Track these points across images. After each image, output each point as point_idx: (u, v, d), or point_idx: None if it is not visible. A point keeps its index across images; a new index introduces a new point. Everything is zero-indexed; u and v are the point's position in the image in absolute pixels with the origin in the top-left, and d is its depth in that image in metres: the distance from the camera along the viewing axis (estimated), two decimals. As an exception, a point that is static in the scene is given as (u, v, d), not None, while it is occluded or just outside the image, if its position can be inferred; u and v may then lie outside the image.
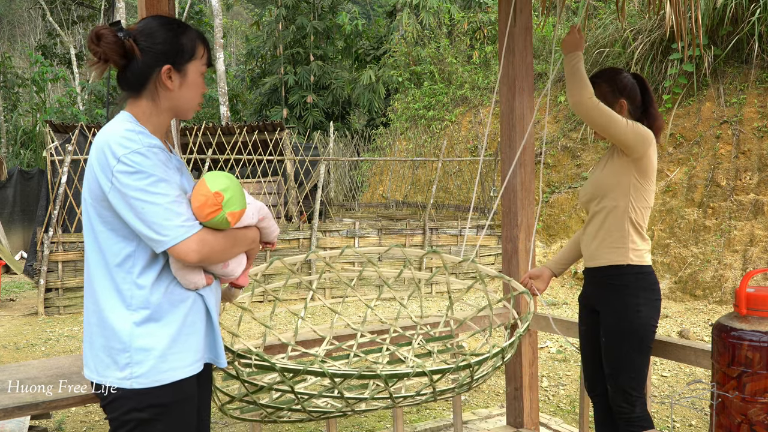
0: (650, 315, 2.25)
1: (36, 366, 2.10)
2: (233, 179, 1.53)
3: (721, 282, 6.93)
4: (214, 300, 1.61)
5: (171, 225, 1.42)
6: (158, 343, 1.47)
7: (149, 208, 1.41)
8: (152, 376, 1.46)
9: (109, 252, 1.48)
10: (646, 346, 2.27)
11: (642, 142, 2.21)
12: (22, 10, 31.04)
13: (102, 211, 1.48)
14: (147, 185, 1.41)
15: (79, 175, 7.90)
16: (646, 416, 2.31)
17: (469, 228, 9.47)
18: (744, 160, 7.63)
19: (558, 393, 4.46)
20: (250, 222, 1.63)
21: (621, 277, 2.27)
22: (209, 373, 1.73)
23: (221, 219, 1.49)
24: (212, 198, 1.46)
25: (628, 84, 2.33)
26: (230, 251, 1.57)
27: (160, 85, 1.54)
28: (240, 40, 29.15)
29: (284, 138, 9.66)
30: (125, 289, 1.47)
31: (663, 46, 8.84)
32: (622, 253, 2.26)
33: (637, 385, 2.28)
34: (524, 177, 3.05)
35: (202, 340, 1.57)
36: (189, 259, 1.44)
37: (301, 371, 1.51)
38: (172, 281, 1.51)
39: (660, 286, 2.37)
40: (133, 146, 1.43)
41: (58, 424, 3.99)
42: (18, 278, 10.89)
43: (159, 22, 1.56)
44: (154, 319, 1.48)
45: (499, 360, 1.78)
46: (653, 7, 2.88)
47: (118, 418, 1.49)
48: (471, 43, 14.97)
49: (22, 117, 20.45)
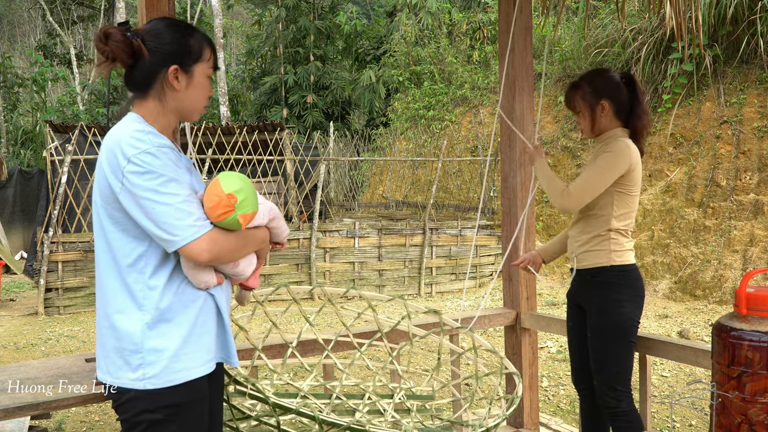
0: (633, 311, 2.33)
1: (36, 366, 2.10)
2: (247, 181, 1.53)
3: (721, 282, 6.93)
4: (225, 300, 1.61)
5: (182, 225, 1.42)
6: (170, 344, 1.47)
7: (160, 208, 1.41)
8: (165, 377, 1.46)
9: (120, 253, 1.48)
10: (630, 341, 2.34)
11: (625, 167, 2.27)
12: (22, 10, 31.05)
13: (113, 212, 1.48)
14: (157, 185, 1.42)
15: (79, 175, 7.90)
16: (633, 410, 2.36)
17: (471, 228, 9.47)
18: (744, 160, 7.63)
19: (558, 393, 4.46)
20: (261, 222, 1.64)
21: (605, 275, 2.34)
22: (221, 373, 1.73)
23: (233, 220, 1.49)
24: (225, 199, 1.46)
25: (610, 84, 2.35)
26: (241, 251, 1.57)
27: (167, 85, 1.54)
28: (240, 40, 29.15)
29: (284, 138, 9.66)
30: (137, 290, 1.47)
31: (663, 45, 8.84)
32: (605, 255, 2.34)
33: (623, 379, 2.33)
34: (524, 177, 3.05)
35: (214, 340, 1.58)
36: (200, 258, 1.45)
37: (292, 410, 1.52)
38: (183, 281, 1.51)
39: (644, 284, 2.42)
40: (143, 146, 1.43)
41: (58, 424, 3.98)
42: (18, 278, 10.89)
43: (167, 23, 1.57)
44: (165, 319, 1.48)
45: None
46: (653, 7, 2.88)
47: (129, 419, 1.49)
48: (471, 43, 14.97)
49: (22, 117, 20.46)
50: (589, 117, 2.37)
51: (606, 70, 2.42)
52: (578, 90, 2.38)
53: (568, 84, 2.51)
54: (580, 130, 2.46)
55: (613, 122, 2.36)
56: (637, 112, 2.36)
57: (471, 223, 9.52)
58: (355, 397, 2.65)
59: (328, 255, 8.51)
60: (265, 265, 8.21)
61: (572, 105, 2.42)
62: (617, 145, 2.27)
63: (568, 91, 2.44)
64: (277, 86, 18.85)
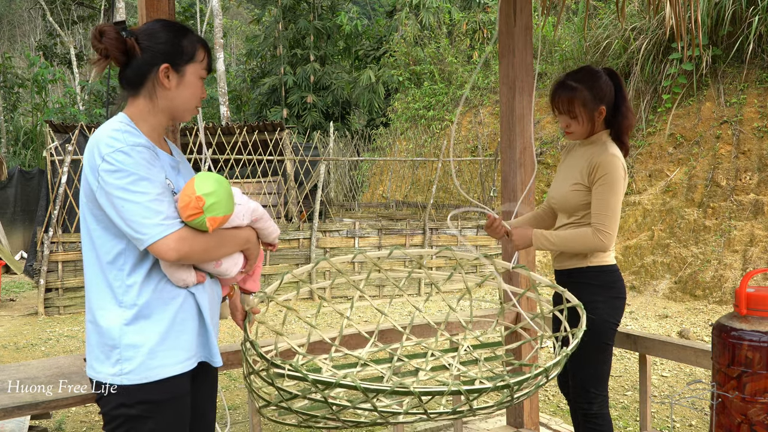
0: (608, 312, 2.28)
1: (36, 366, 2.10)
2: (222, 183, 1.53)
3: (721, 282, 6.93)
4: (207, 299, 1.61)
5: (149, 223, 1.43)
6: (147, 340, 1.49)
7: (129, 207, 1.43)
8: (141, 373, 1.48)
9: (102, 250, 1.51)
10: (604, 343, 2.29)
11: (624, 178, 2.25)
12: (22, 10, 31.06)
13: (94, 210, 1.51)
14: (127, 183, 1.43)
15: (79, 175, 7.89)
16: (604, 415, 2.32)
17: (471, 228, 9.46)
18: (744, 160, 7.63)
19: (558, 393, 4.46)
20: (240, 223, 1.63)
21: (580, 275, 2.33)
22: (210, 373, 1.73)
23: (201, 222, 1.49)
24: (194, 201, 1.47)
25: (607, 90, 2.31)
26: (216, 251, 1.57)
27: (158, 83, 1.56)
28: (240, 40, 29.15)
29: (284, 138, 9.66)
30: (117, 287, 1.49)
31: (663, 46, 8.84)
32: (582, 256, 2.32)
33: (596, 382, 2.30)
34: (524, 177, 3.05)
35: (194, 339, 1.58)
36: (167, 257, 1.45)
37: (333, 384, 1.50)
38: (162, 279, 1.53)
39: (625, 284, 2.38)
40: (117, 145, 1.45)
41: (58, 424, 3.98)
42: (18, 278, 10.89)
43: (162, 24, 1.60)
44: (144, 316, 1.49)
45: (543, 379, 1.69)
46: (653, 7, 2.88)
47: (108, 413, 1.52)
48: (471, 43, 14.97)
49: (22, 117, 20.46)
50: (588, 123, 2.31)
51: (597, 70, 2.35)
52: (576, 94, 2.28)
53: (555, 84, 2.42)
54: (567, 132, 2.35)
55: (601, 125, 2.34)
56: (622, 111, 2.32)
57: (471, 223, 9.52)
58: (418, 356, 2.56)
59: (328, 255, 8.51)
60: (264, 265, 8.21)
61: (567, 109, 2.31)
62: (609, 162, 2.22)
63: (560, 92, 2.32)
64: (277, 86, 18.85)
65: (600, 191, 2.23)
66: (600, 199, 2.22)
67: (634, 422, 3.88)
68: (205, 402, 1.73)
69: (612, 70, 2.38)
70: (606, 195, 2.21)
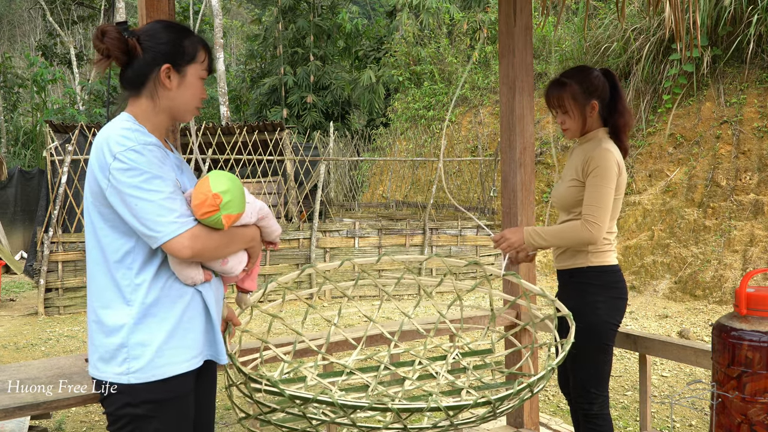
0: (609, 313, 2.28)
1: (36, 366, 2.10)
2: (235, 181, 1.55)
3: (721, 282, 6.93)
4: (213, 297, 1.62)
5: (163, 221, 1.44)
6: (155, 338, 1.49)
7: (143, 205, 1.43)
8: (149, 371, 1.48)
9: (109, 249, 1.51)
10: (604, 343, 2.29)
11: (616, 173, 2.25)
12: (22, 10, 31.05)
13: (101, 209, 1.50)
14: (141, 182, 1.44)
15: (79, 175, 7.89)
16: (604, 415, 2.33)
17: (471, 228, 9.46)
18: (744, 160, 7.63)
19: (558, 393, 4.46)
20: (248, 221, 1.65)
21: (581, 276, 2.32)
22: (212, 371, 1.74)
23: (216, 219, 1.50)
24: (211, 198, 1.48)
25: (598, 84, 2.32)
26: (226, 248, 1.59)
27: (159, 84, 1.57)
28: (240, 40, 29.14)
29: (284, 138, 9.66)
30: (124, 285, 1.49)
31: (663, 46, 8.84)
32: (582, 255, 2.32)
33: (597, 382, 2.30)
34: (524, 177, 3.05)
35: (201, 337, 1.59)
36: (182, 254, 1.46)
37: (310, 400, 1.50)
38: (171, 277, 1.53)
39: (626, 285, 2.37)
40: (128, 144, 1.45)
41: (58, 424, 3.99)
42: (18, 278, 10.89)
43: (163, 25, 1.61)
44: (151, 314, 1.50)
45: (528, 393, 1.67)
46: (653, 7, 2.88)
47: (113, 413, 1.51)
48: (471, 44, 14.97)
49: (22, 117, 20.46)
50: (580, 117, 2.33)
51: (590, 68, 2.38)
52: (566, 89, 2.31)
53: (550, 82, 2.44)
54: (564, 129, 2.39)
55: (597, 122, 2.35)
56: (618, 109, 2.34)
57: (471, 223, 9.52)
58: (406, 365, 2.56)
59: (328, 255, 8.52)
60: (264, 265, 8.22)
61: (558, 104, 2.35)
62: (601, 155, 2.23)
63: (552, 88, 2.37)
64: (277, 86, 18.85)
65: (591, 183, 2.24)
66: (591, 191, 2.24)
67: (634, 422, 3.89)
68: (206, 398, 1.74)
69: (607, 69, 2.40)
70: (596, 187, 2.22)
